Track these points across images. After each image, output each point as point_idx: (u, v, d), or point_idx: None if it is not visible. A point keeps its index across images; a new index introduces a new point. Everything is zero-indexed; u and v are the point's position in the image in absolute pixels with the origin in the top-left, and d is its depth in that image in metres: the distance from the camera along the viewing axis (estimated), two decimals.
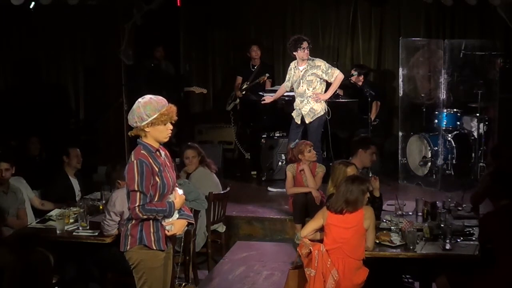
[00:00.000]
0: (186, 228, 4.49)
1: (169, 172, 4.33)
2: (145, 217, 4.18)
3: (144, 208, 4.14)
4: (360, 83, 9.17)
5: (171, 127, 4.25)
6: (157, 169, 4.19)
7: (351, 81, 9.10)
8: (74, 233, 5.60)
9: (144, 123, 4.17)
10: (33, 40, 9.71)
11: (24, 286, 5.39)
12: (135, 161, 4.14)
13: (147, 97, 4.23)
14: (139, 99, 4.23)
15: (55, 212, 6.04)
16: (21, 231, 5.81)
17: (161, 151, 4.32)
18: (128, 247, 4.27)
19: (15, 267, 5.35)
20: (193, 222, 4.60)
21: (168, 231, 4.29)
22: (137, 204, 4.13)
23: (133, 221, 4.25)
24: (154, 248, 4.25)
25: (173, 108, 4.24)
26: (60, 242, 5.67)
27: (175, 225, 4.30)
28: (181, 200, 4.33)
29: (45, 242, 5.69)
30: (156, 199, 4.21)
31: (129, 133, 4.33)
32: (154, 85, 8.89)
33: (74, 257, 5.90)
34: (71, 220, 5.79)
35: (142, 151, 4.19)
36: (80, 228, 5.63)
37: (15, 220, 5.99)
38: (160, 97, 4.26)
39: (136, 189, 4.12)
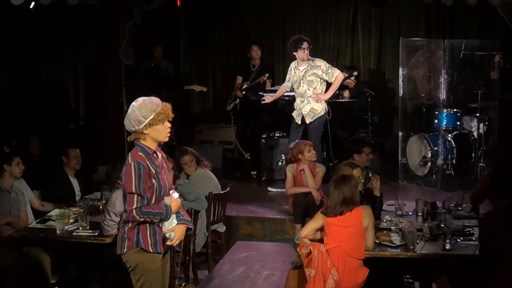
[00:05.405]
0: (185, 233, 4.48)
1: (166, 174, 4.30)
2: (142, 219, 4.15)
3: (141, 210, 4.12)
4: (351, 86, 9.14)
5: (169, 125, 4.22)
6: (154, 171, 4.17)
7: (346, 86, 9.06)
8: (74, 233, 5.58)
9: (142, 125, 4.13)
10: (33, 40, 9.69)
11: (25, 286, 5.40)
12: (132, 163, 4.11)
13: (140, 99, 4.19)
14: (133, 103, 4.19)
15: (55, 212, 6.02)
16: (20, 231, 5.81)
17: (158, 153, 4.29)
18: (125, 250, 4.25)
19: (19, 267, 5.36)
20: (192, 226, 4.58)
21: (169, 240, 4.27)
22: (134, 206, 4.10)
23: (130, 224, 4.22)
24: (151, 251, 4.22)
25: (168, 106, 4.21)
26: (60, 242, 5.66)
27: (176, 232, 4.28)
28: (177, 204, 4.31)
29: (45, 242, 5.70)
30: (153, 201, 4.20)
31: (128, 139, 4.28)
32: (154, 85, 8.91)
33: (74, 257, 5.90)
34: (71, 220, 5.78)
35: (139, 153, 4.16)
36: (80, 228, 5.62)
37: (16, 221, 5.99)
38: (154, 98, 4.23)
39: (134, 191, 4.09)
